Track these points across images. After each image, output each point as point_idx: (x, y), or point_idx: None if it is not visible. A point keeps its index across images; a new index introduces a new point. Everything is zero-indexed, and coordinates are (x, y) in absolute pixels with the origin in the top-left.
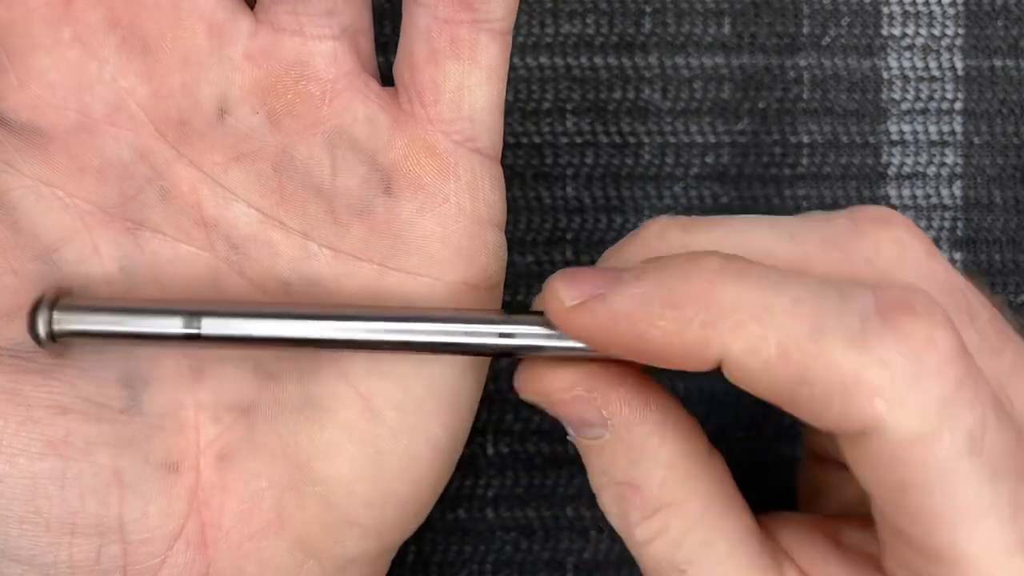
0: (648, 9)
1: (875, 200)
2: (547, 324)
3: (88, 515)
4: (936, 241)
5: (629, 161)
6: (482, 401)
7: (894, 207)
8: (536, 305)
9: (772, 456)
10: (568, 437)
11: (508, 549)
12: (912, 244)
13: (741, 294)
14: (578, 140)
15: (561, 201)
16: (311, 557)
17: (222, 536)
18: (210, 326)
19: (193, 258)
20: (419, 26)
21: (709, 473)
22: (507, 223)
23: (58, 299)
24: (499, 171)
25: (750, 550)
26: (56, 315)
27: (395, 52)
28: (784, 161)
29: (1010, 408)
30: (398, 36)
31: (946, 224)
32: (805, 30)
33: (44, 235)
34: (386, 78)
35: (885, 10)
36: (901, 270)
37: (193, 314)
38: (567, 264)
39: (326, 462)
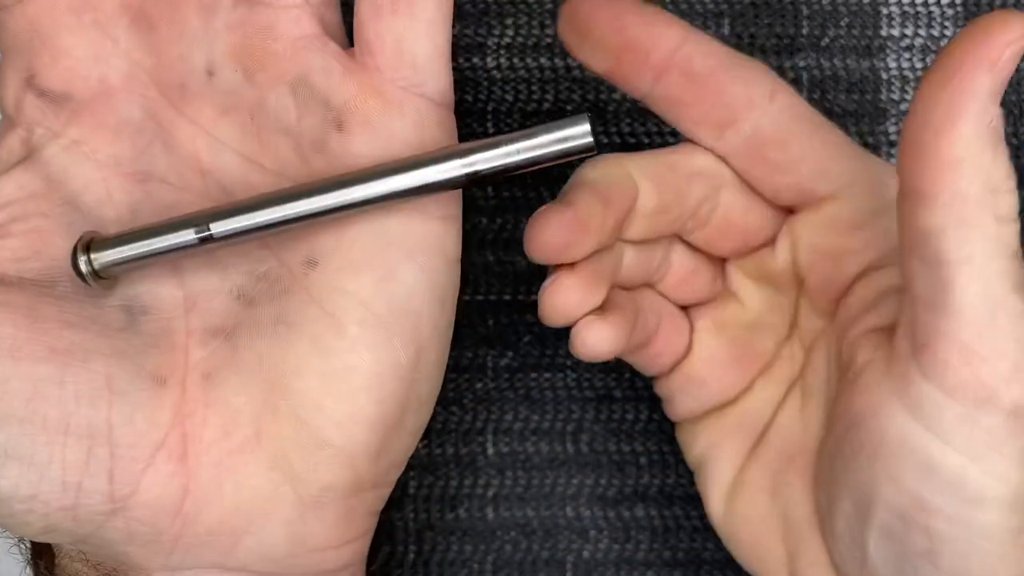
0: None
1: None
2: (505, 144)
3: (80, 417)
4: None
5: None
6: (482, 401)
7: None
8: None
9: None
10: None
11: (508, 549)
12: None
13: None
14: None
15: None
16: (287, 481)
17: (203, 450)
18: (218, 227)
19: (192, 203)
20: None
21: None
22: (507, 223)
23: (92, 241)
24: (448, 117)
25: None
26: (93, 255)
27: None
28: None
29: None
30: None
31: None
32: (804, 31)
33: (70, 184)
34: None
35: (884, 11)
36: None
37: (201, 222)
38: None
39: (297, 377)
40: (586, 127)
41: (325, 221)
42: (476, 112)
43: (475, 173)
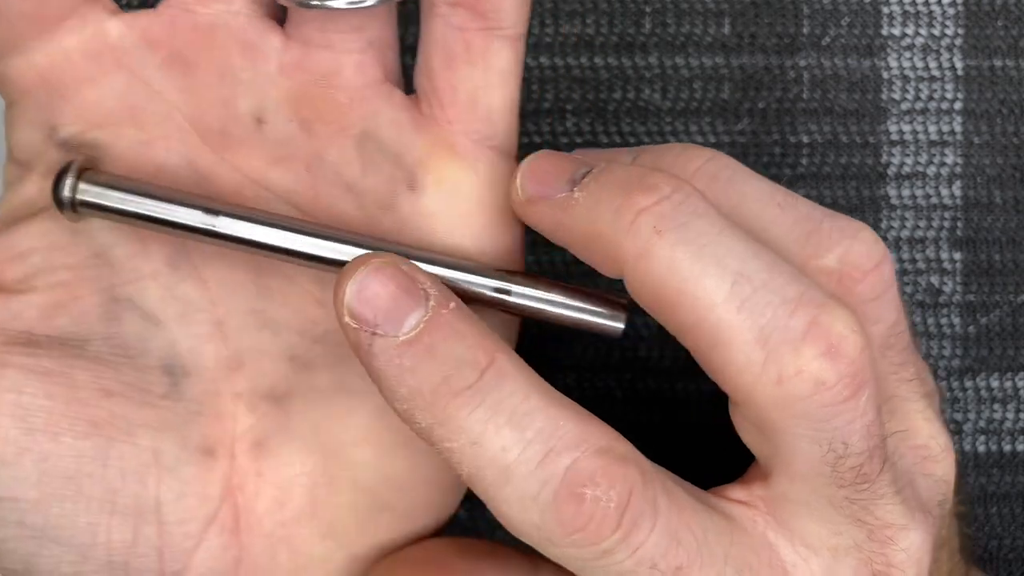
0: (648, 9)
1: (875, 200)
2: (543, 289)
3: (127, 495)
4: (936, 241)
5: None
6: None
7: (894, 207)
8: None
9: None
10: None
11: None
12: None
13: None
14: (578, 140)
15: None
16: (343, 547)
17: (255, 522)
18: (225, 225)
19: (236, 253)
20: (435, 34)
21: None
22: None
23: (85, 169)
24: (515, 167)
25: None
26: (83, 186)
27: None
28: (784, 161)
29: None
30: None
31: (946, 224)
32: (805, 30)
33: (99, 236)
34: (410, 82)
35: (885, 10)
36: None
37: (212, 211)
38: (568, 265)
39: (358, 447)
40: (622, 318)
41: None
42: None
43: (505, 296)
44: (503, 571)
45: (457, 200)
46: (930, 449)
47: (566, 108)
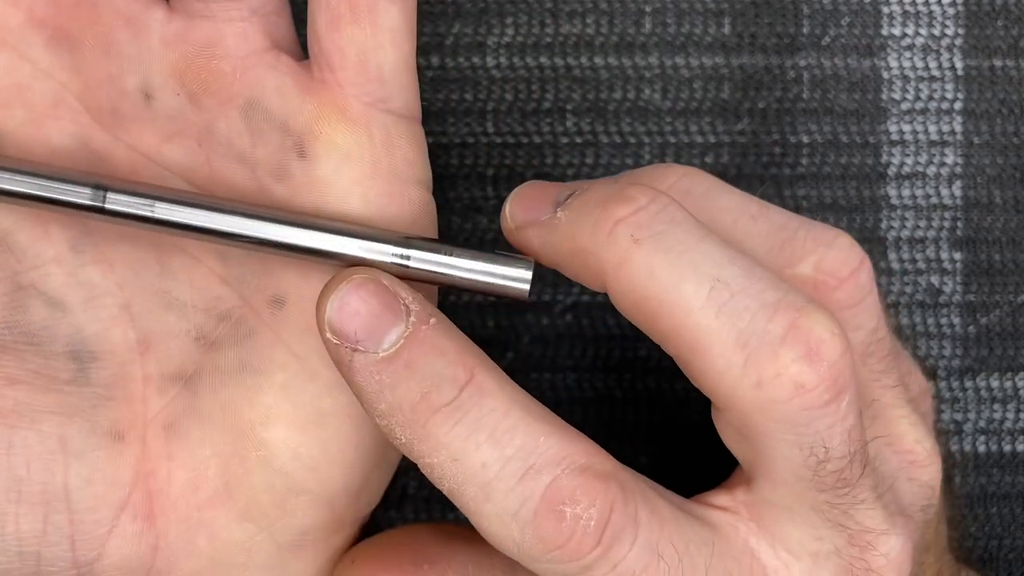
0: (648, 9)
1: (875, 200)
2: (445, 253)
3: (33, 483)
4: (936, 241)
5: (629, 161)
6: None
7: (894, 207)
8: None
9: None
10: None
11: None
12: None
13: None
14: (578, 140)
15: None
16: (262, 529)
17: (170, 506)
18: (116, 201)
19: (136, 235)
20: None
21: None
22: None
23: None
24: (418, 130)
25: None
26: None
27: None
28: (784, 161)
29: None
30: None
31: (946, 224)
32: (805, 30)
33: (1, 223)
34: None
35: (885, 10)
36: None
37: (102, 187)
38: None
39: (267, 426)
40: (528, 275)
41: (232, 245)
42: (476, 112)
43: (403, 265)
44: (481, 556)
45: (351, 165)
46: (915, 454)
47: (566, 108)
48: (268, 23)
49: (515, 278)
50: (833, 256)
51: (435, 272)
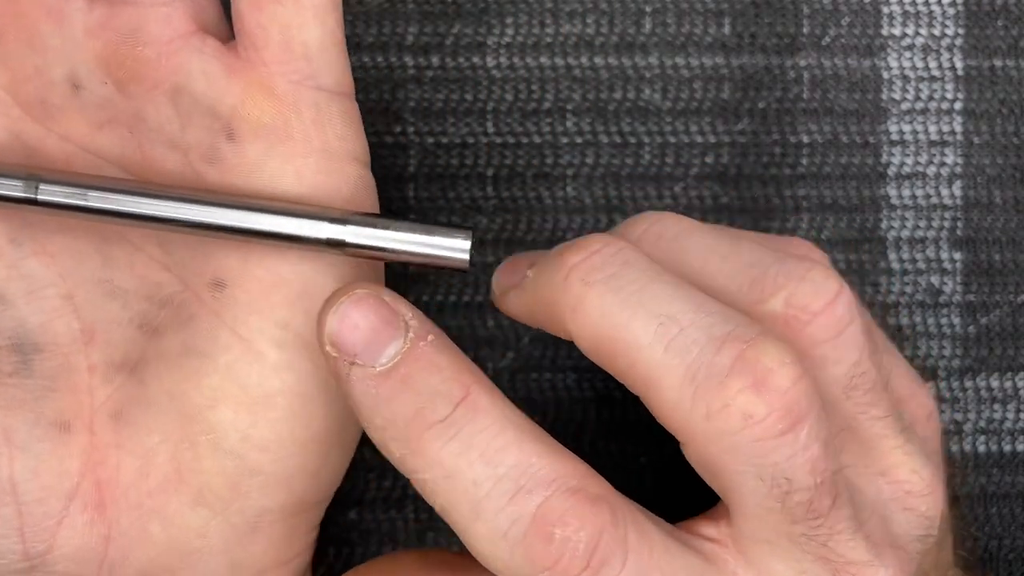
0: (648, 9)
1: (875, 200)
2: (382, 227)
3: None
4: (936, 241)
5: (629, 161)
6: None
7: (894, 207)
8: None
9: None
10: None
11: None
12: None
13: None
14: (578, 140)
15: (561, 201)
16: (217, 513)
17: (121, 494)
18: (48, 192)
19: (75, 225)
20: None
21: None
22: (507, 223)
23: None
24: (351, 106)
25: None
26: None
27: None
28: (784, 161)
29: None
30: None
31: (946, 224)
32: (805, 30)
33: None
34: None
35: (885, 10)
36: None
37: (33, 178)
38: None
39: (214, 409)
40: (466, 244)
41: (169, 230)
42: (476, 112)
43: (340, 242)
44: None
45: (281, 145)
46: (911, 484)
47: (566, 108)
48: (194, 5)
49: (454, 247)
50: (804, 290)
51: (374, 247)
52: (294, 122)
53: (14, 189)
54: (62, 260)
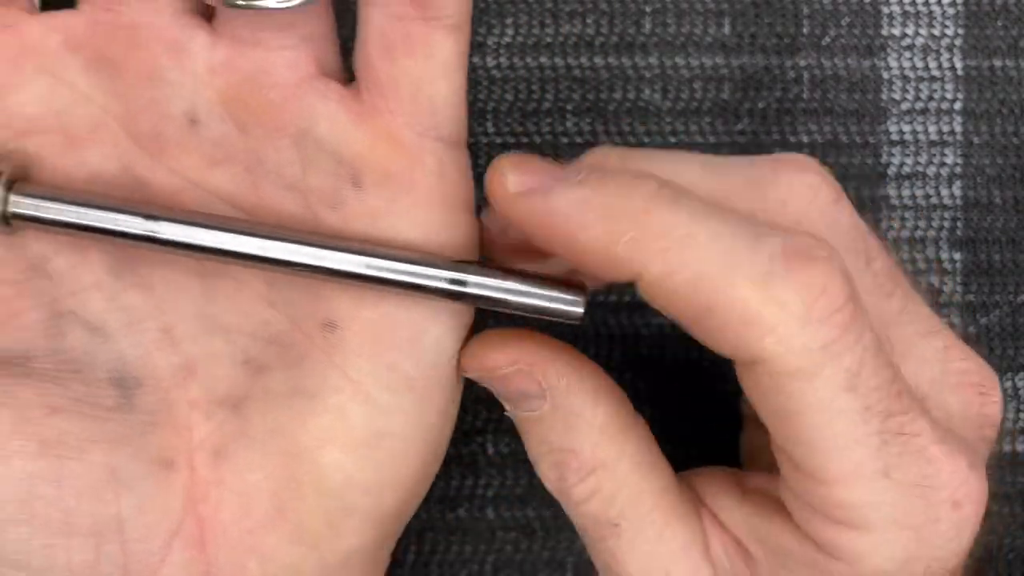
0: (648, 9)
1: (875, 200)
2: (499, 278)
3: (84, 515)
4: (936, 241)
5: None
6: (482, 401)
7: (894, 207)
8: (485, 181)
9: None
10: (507, 412)
11: (508, 549)
12: (823, 189)
13: (671, 219)
14: (578, 140)
15: None
16: (312, 551)
17: (221, 532)
18: (167, 230)
19: (178, 259)
20: (373, 23)
21: (636, 436)
22: None
23: (15, 181)
24: (465, 156)
25: (672, 501)
26: (13, 197)
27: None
28: None
29: (890, 349)
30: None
31: (946, 224)
32: (805, 30)
33: (34, 247)
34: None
35: (885, 10)
36: (811, 214)
37: (152, 216)
38: None
39: (321, 450)
40: (581, 300)
41: (287, 273)
42: (476, 112)
43: (460, 293)
44: None
45: (404, 194)
46: (971, 374)
47: (566, 108)
48: (317, 49)
49: (569, 302)
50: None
51: (490, 296)
52: (418, 172)
53: (133, 227)
54: (161, 293)
